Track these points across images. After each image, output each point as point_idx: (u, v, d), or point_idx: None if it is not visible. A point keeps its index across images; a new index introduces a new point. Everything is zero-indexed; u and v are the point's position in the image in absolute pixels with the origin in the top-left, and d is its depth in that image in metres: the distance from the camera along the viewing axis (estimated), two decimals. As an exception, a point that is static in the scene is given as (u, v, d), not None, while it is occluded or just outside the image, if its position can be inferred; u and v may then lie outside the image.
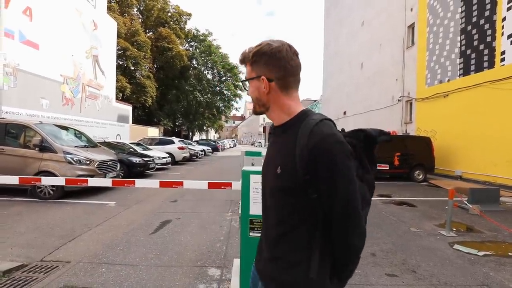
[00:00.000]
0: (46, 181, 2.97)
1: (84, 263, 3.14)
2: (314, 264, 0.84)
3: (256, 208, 1.89)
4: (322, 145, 0.79)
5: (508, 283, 2.87)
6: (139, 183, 2.54)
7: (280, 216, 0.91)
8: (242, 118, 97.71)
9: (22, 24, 11.08)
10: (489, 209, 5.80)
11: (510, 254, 3.67)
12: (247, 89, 0.98)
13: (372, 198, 0.99)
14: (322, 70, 27.95)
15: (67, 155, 6.42)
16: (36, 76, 11.87)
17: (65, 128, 7.87)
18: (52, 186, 6.25)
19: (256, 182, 1.88)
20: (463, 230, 4.72)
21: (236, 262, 2.87)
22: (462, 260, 3.44)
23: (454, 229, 4.62)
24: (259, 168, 1.98)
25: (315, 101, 46.58)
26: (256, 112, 1.01)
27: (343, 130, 1.01)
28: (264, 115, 1.02)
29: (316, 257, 0.85)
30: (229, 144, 44.08)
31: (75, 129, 8.23)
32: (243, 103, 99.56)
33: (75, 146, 6.98)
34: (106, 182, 2.45)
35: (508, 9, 8.65)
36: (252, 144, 65.25)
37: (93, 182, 2.50)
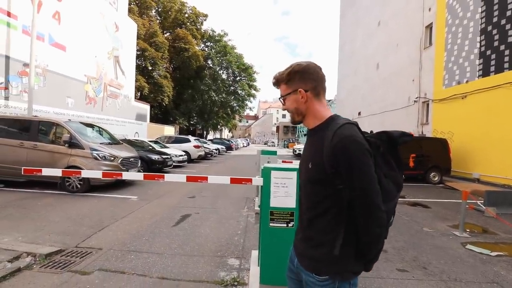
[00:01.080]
0: (85, 174, 3.29)
1: (115, 250, 3.45)
2: (338, 244, 1.04)
3: (276, 201, 2.09)
4: (341, 144, 0.99)
5: (519, 283, 2.94)
6: (168, 177, 2.80)
7: (311, 203, 1.12)
8: (256, 117, 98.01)
9: (51, 27, 11.80)
10: (506, 212, 5.73)
11: (524, 256, 3.69)
12: (284, 104, 1.19)
13: None
14: (337, 71, 27.73)
15: (94, 151, 6.84)
16: (62, 76, 12.60)
17: (91, 126, 8.35)
18: (80, 180, 6.69)
19: (276, 177, 2.07)
20: (477, 231, 4.73)
21: (254, 253, 3.09)
22: (474, 259, 3.51)
23: (468, 230, 4.64)
24: (279, 165, 2.19)
25: (329, 101, 46.11)
26: (295, 121, 1.20)
27: (371, 131, 1.21)
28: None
29: (340, 239, 1.04)
30: (243, 143, 44.38)
31: (99, 127, 8.71)
32: (256, 103, 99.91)
33: (100, 143, 7.41)
34: (138, 176, 2.72)
35: (532, 8, 8.41)
36: (265, 144, 65.40)
37: (126, 175, 2.78)
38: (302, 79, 1.13)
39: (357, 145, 0.99)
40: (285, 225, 2.13)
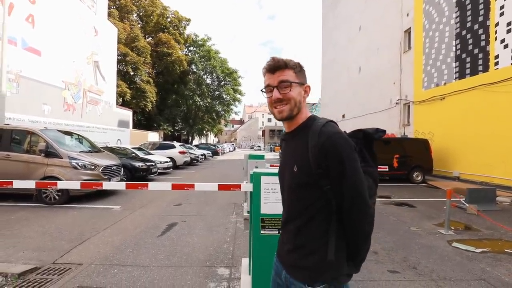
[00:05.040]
0: (62, 185, 3.08)
1: (96, 265, 3.24)
2: (331, 249, 0.98)
3: (267, 207, 2.01)
4: (330, 141, 0.95)
5: (504, 277, 3.01)
6: (152, 186, 2.66)
7: (298, 209, 1.05)
8: (241, 122, 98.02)
9: (24, 31, 11.26)
10: (486, 208, 5.95)
11: (506, 250, 3.80)
12: (284, 91, 1.05)
13: None
14: (321, 74, 28.23)
15: (72, 161, 6.51)
16: (38, 82, 12.02)
17: (69, 134, 7.97)
18: (58, 191, 6.34)
19: (267, 183, 2.00)
20: (461, 228, 4.86)
21: (245, 261, 2.99)
22: (461, 257, 3.58)
23: (453, 228, 4.75)
24: (270, 170, 2.12)
25: (313, 104, 46.82)
26: (291, 115, 1.07)
27: (344, 131, 1.18)
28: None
29: (332, 243, 0.98)
30: (229, 148, 44.18)
31: (78, 135, 8.33)
32: (242, 107, 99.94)
33: (79, 152, 7.08)
34: (120, 185, 2.57)
35: (501, 14, 8.90)
36: (251, 148, 65.36)
37: (107, 185, 2.61)
38: (304, 76, 1.12)
39: (346, 141, 0.97)
40: (276, 232, 2.05)
